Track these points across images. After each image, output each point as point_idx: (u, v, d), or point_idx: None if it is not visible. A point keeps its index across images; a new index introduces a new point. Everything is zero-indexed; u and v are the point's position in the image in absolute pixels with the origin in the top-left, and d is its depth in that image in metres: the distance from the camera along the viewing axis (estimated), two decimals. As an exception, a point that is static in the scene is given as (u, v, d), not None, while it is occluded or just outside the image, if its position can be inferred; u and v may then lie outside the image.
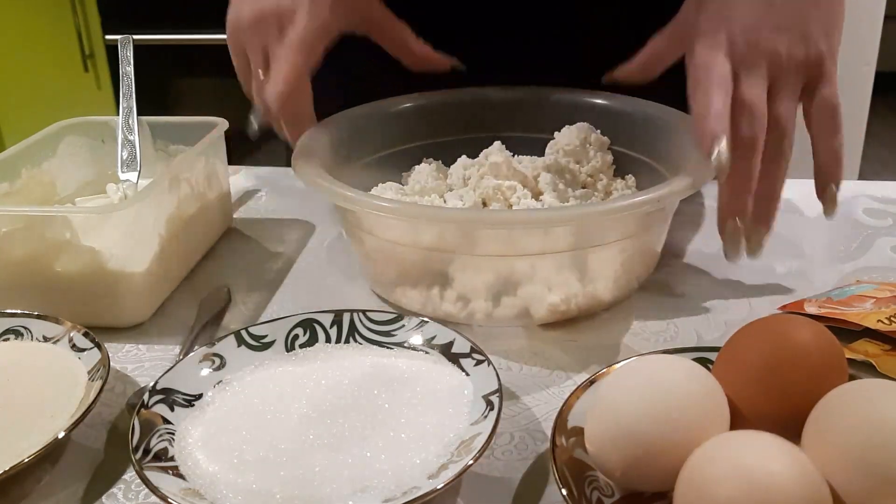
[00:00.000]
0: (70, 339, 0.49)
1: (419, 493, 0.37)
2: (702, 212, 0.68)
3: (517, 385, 0.48)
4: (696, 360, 0.42)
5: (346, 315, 0.50)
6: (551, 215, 0.51)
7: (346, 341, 0.49)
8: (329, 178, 0.53)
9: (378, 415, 0.43)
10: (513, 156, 0.63)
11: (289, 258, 0.64)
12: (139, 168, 0.65)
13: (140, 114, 0.67)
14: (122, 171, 0.65)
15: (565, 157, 0.62)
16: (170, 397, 0.44)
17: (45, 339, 0.50)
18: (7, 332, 0.51)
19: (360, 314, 0.50)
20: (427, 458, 0.40)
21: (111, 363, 0.47)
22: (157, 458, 0.40)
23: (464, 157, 0.63)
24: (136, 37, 0.71)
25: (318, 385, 0.45)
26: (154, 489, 0.37)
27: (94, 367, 0.47)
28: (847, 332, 0.48)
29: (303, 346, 0.49)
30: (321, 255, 0.65)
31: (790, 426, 0.36)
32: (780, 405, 0.37)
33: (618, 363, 0.44)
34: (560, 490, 0.36)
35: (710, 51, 0.52)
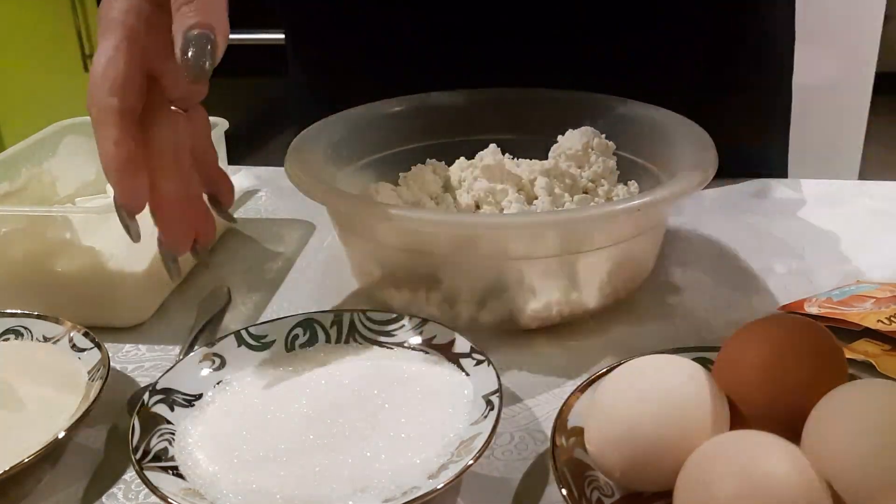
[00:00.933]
0: (70, 339, 0.49)
1: (419, 493, 0.37)
2: (702, 212, 0.68)
3: (517, 385, 0.48)
4: (696, 360, 0.42)
5: (346, 315, 0.50)
6: (525, 220, 0.50)
7: (346, 341, 0.49)
8: (316, 178, 0.53)
9: (378, 414, 0.43)
10: (513, 158, 0.63)
11: (289, 258, 0.64)
12: (139, 168, 0.65)
13: (140, 114, 0.67)
14: (123, 171, 0.65)
15: (567, 161, 0.62)
16: (170, 397, 0.44)
17: (45, 339, 0.50)
18: (7, 332, 0.51)
19: (360, 314, 0.50)
20: (427, 458, 0.40)
21: (111, 363, 0.47)
22: (156, 458, 0.40)
23: (462, 158, 0.63)
24: (136, 37, 0.71)
25: (318, 385, 0.45)
26: (154, 489, 0.37)
27: (94, 367, 0.47)
28: (847, 332, 0.48)
29: (303, 346, 0.49)
30: (321, 255, 0.65)
31: (790, 426, 0.36)
32: (780, 405, 0.37)
33: (618, 363, 0.44)
34: (560, 490, 0.36)
35: None
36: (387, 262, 0.53)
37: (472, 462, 0.38)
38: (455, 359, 0.46)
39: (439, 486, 0.37)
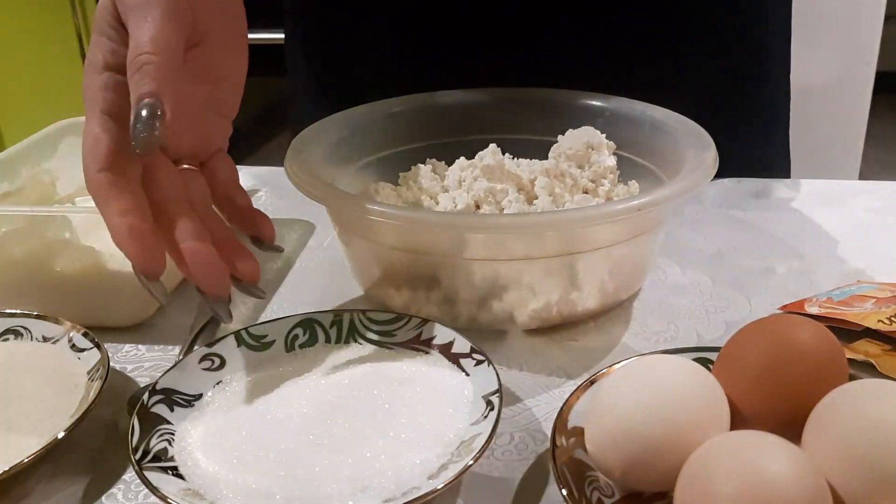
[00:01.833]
0: (70, 339, 0.49)
1: (419, 493, 0.37)
2: (702, 212, 0.68)
3: (517, 385, 0.48)
4: (696, 360, 0.42)
5: (346, 315, 0.50)
6: (525, 220, 0.50)
7: (346, 341, 0.49)
8: (316, 178, 0.52)
9: (378, 415, 0.43)
10: (513, 158, 0.63)
11: (289, 258, 0.64)
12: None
13: (140, 114, 0.67)
14: (122, 171, 0.65)
15: (567, 161, 0.62)
16: (169, 397, 0.44)
17: (45, 339, 0.50)
18: (7, 332, 0.51)
19: (360, 314, 0.50)
20: (427, 459, 0.40)
21: (111, 363, 0.47)
22: (156, 458, 0.40)
23: (462, 158, 0.63)
24: (136, 37, 0.71)
25: (318, 385, 0.45)
26: (154, 489, 0.37)
27: (94, 367, 0.47)
28: (847, 332, 0.48)
29: (302, 346, 0.49)
30: (321, 255, 0.65)
31: (790, 426, 0.36)
32: (781, 405, 0.37)
33: (618, 363, 0.44)
34: (560, 490, 0.36)
35: None
36: (386, 262, 0.53)
37: (472, 462, 0.38)
38: (455, 359, 0.46)
39: (439, 487, 0.37)
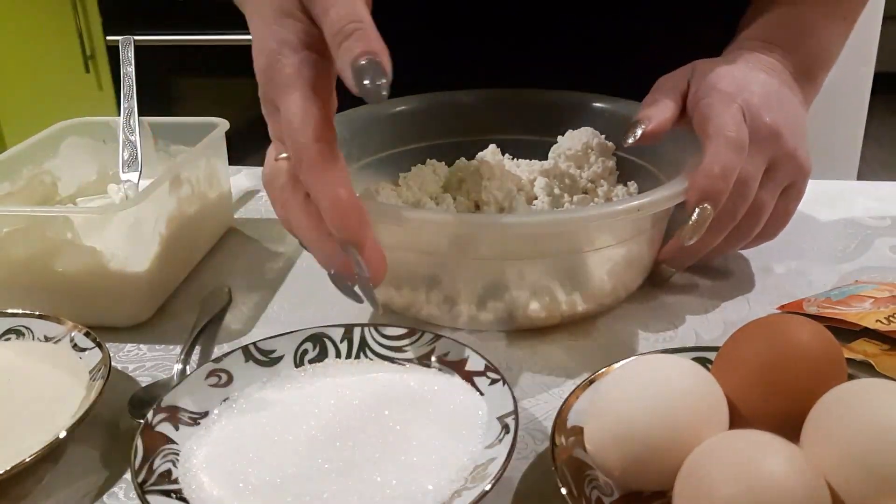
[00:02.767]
0: (71, 339, 0.49)
1: None
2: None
3: (517, 385, 0.48)
4: (696, 359, 0.42)
5: (357, 330, 0.48)
6: (525, 220, 0.49)
7: (357, 356, 0.48)
8: None
9: (389, 437, 0.41)
10: (513, 158, 0.63)
11: (289, 258, 0.64)
12: (140, 168, 0.65)
13: (141, 114, 0.67)
14: (124, 172, 0.65)
15: (566, 161, 0.62)
16: (175, 415, 0.43)
17: (47, 339, 0.50)
18: (8, 331, 0.51)
19: (372, 329, 0.48)
20: (440, 485, 0.38)
21: (112, 363, 0.47)
22: (160, 480, 0.39)
23: (462, 159, 0.63)
24: (137, 37, 0.72)
25: (328, 404, 0.44)
26: None
27: (96, 367, 0.47)
28: (846, 331, 0.48)
29: (312, 361, 0.47)
30: (321, 256, 0.65)
31: (789, 426, 0.36)
32: (780, 405, 0.37)
33: (617, 363, 0.44)
34: (560, 490, 0.36)
35: (732, 111, 0.51)
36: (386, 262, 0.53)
37: (488, 489, 0.36)
38: (469, 377, 0.45)
39: None
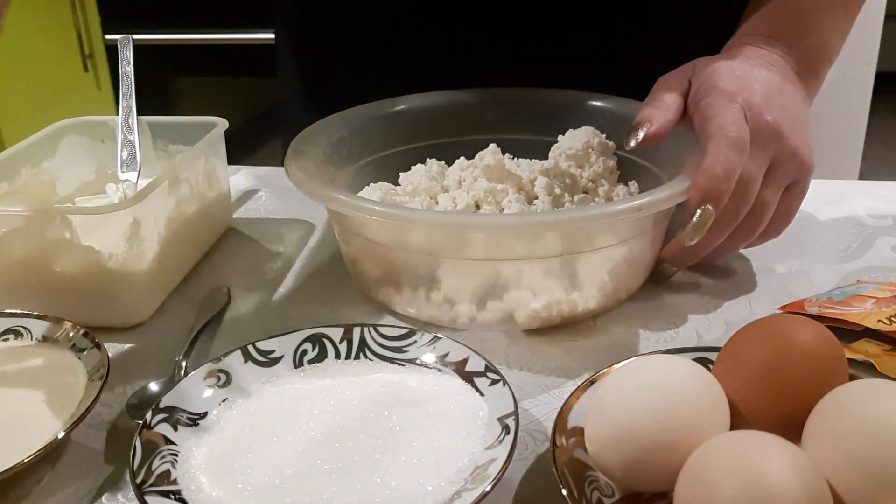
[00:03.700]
0: (70, 339, 0.49)
1: None
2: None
3: (517, 385, 0.48)
4: (696, 360, 0.42)
5: (357, 330, 0.48)
6: (525, 220, 0.49)
7: (357, 357, 0.48)
8: (316, 179, 0.52)
9: (389, 438, 0.41)
10: (513, 158, 0.63)
11: (289, 258, 0.64)
12: (139, 168, 0.65)
13: (140, 113, 0.67)
14: (122, 171, 0.65)
15: (567, 161, 0.62)
16: (173, 416, 0.43)
17: (45, 339, 0.50)
18: (7, 332, 0.51)
19: (371, 329, 0.48)
20: (439, 486, 0.38)
21: (111, 363, 0.47)
22: (158, 481, 0.39)
23: (462, 158, 0.63)
24: (135, 36, 0.71)
25: (327, 405, 0.44)
26: None
27: (94, 367, 0.47)
28: (847, 332, 0.48)
29: (311, 361, 0.47)
30: (321, 255, 0.65)
31: (790, 426, 0.36)
32: (781, 405, 0.37)
33: (618, 363, 0.44)
34: (560, 490, 0.36)
35: (734, 110, 0.52)
36: (386, 262, 0.53)
37: (489, 489, 0.36)
38: (469, 377, 0.45)
39: None
